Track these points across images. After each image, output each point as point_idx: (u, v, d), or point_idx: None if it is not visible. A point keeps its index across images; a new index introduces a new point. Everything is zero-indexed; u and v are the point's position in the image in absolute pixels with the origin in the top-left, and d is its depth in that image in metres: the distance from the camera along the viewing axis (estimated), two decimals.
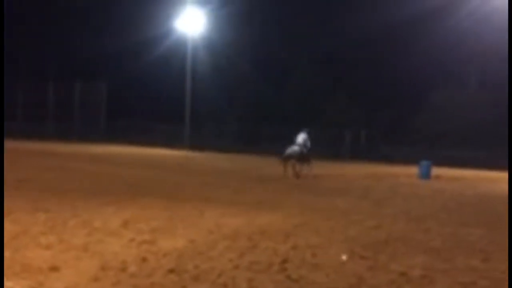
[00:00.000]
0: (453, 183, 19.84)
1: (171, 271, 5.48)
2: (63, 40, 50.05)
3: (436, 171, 22.00)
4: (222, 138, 42.00)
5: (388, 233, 8.32)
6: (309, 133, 20.68)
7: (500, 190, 17.55)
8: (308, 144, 20.14)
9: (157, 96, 47.06)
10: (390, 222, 9.46)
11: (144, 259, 5.89)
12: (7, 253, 5.80)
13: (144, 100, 48.14)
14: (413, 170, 22.57)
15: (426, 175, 21.01)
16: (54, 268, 5.34)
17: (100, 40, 47.22)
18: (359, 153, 36.03)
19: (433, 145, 34.35)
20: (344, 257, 6.55)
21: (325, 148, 37.15)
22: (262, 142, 40.12)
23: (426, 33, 37.53)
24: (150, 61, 44.68)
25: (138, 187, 13.14)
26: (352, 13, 40.80)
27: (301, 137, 20.18)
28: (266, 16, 44.49)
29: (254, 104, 44.97)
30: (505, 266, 6.29)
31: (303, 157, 19.42)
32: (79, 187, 12.57)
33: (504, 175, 23.90)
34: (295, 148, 19.52)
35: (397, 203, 12.52)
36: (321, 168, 21.33)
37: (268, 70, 44.79)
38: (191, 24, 42.33)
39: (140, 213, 8.98)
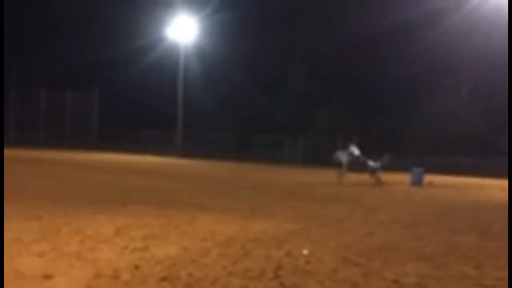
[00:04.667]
0: (445, 190, 19.93)
1: (164, 278, 5.47)
2: (55, 48, 49.92)
3: (428, 178, 22.09)
4: (214, 146, 42.01)
5: (381, 240, 8.33)
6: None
7: (491, 197, 17.63)
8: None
9: (149, 104, 47.03)
10: (383, 229, 9.48)
11: (137, 267, 5.87)
12: None
13: (136, 108, 48.10)
14: (405, 177, 22.65)
15: (418, 182, 21.10)
16: (47, 276, 5.31)
17: (91, 48, 47.19)
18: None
19: (424, 152, 34.47)
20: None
21: (318, 155, 37.29)
22: (255, 149, 40.14)
23: (418, 40, 37.74)
24: (142, 69, 44.72)
25: (130, 195, 13.11)
26: (344, 20, 41.01)
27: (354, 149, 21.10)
28: (259, 23, 44.61)
29: (246, 112, 45.03)
30: (497, 274, 6.31)
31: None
32: (71, 195, 12.52)
33: (496, 181, 24.04)
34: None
35: (389, 210, 12.55)
36: (313, 176, 21.35)
37: (260, 77, 44.91)
38: (183, 31, 42.42)
39: (132, 220, 8.95)
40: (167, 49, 44.01)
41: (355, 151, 21.07)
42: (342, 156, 21.13)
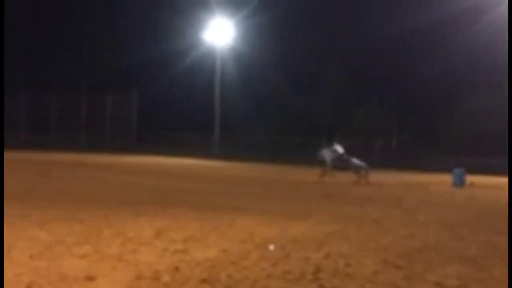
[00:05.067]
0: (486, 190, 19.51)
1: (204, 280, 5.49)
2: (95, 53, 50.91)
3: (469, 178, 21.66)
4: (251, 148, 42.09)
5: (422, 241, 8.21)
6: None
7: None
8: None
9: (186, 107, 47.46)
10: (423, 230, 9.34)
11: (177, 269, 5.92)
12: (43, 263, 5.90)
13: (174, 111, 48.61)
14: (446, 178, 22.27)
15: (459, 182, 20.71)
16: (89, 278, 5.41)
17: (130, 52, 47.93)
18: (390, 160, 35.70)
19: (463, 152, 33.84)
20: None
21: (355, 156, 36.96)
22: (292, 151, 40.07)
23: (455, 38, 37.06)
24: (180, 72, 45.15)
25: (169, 197, 13.24)
26: (379, 20, 40.62)
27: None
28: (295, 25, 44.54)
29: (283, 113, 44.99)
30: None
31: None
32: (111, 197, 12.71)
33: None
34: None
35: (429, 211, 12.35)
36: (350, 177, 21.18)
37: (297, 80, 44.82)
38: (220, 35, 42.66)
39: (172, 223, 9.03)
40: (204, 52, 44.36)
41: (339, 149, 21.51)
42: (326, 154, 21.49)
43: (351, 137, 38.18)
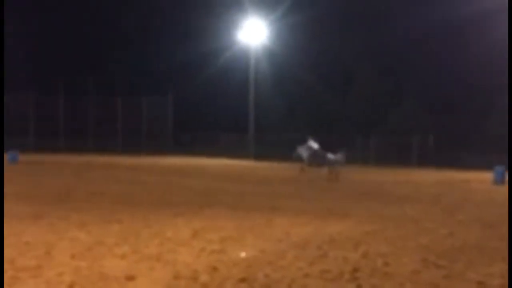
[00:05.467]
0: None
1: (242, 280, 5.50)
2: (130, 56, 51.57)
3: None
4: (286, 147, 41.93)
5: (463, 240, 8.05)
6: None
7: None
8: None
9: (221, 107, 47.64)
10: (464, 229, 9.16)
11: (214, 269, 5.94)
12: (84, 263, 6.01)
13: (208, 111, 48.86)
14: (485, 175, 21.81)
15: (500, 180, 20.27)
16: (129, 277, 5.48)
17: (165, 54, 48.40)
18: (427, 159, 35.16)
19: (505, 150, 33.03)
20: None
21: (392, 154, 36.54)
22: (326, 150, 39.80)
23: (494, 32, 36.21)
24: (214, 73, 45.32)
25: (206, 198, 13.31)
26: (414, 16, 39.99)
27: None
28: (328, 24, 44.26)
29: (317, 113, 44.77)
30: None
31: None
32: (149, 198, 12.86)
33: None
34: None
35: (469, 210, 12.12)
36: (387, 175, 20.94)
37: (331, 78, 44.52)
38: (254, 35, 42.70)
39: (209, 223, 9.08)
40: (238, 53, 44.45)
41: (314, 145, 21.74)
42: (303, 151, 21.68)
43: (387, 135, 37.86)
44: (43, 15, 50.61)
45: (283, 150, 40.48)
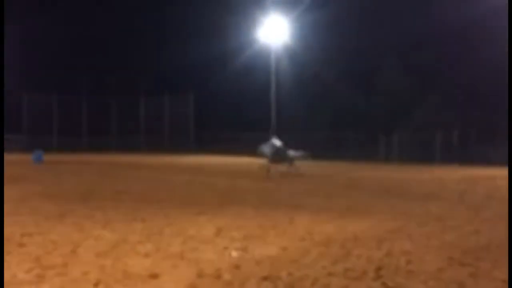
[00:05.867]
0: None
1: (265, 278, 5.50)
2: (151, 54, 51.95)
3: None
4: (307, 145, 41.83)
5: (488, 238, 7.94)
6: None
7: None
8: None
9: (242, 105, 47.73)
10: (490, 227, 9.03)
11: (237, 267, 5.96)
12: (108, 261, 6.07)
13: (230, 110, 49.00)
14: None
15: None
16: (153, 276, 5.52)
17: (186, 52, 48.64)
18: (451, 155, 34.79)
19: None
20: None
21: (415, 151, 36.22)
22: (349, 147, 39.68)
23: None
24: (235, 71, 45.43)
25: (228, 196, 13.37)
26: (436, 9, 39.51)
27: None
28: (349, 20, 44.01)
29: (339, 110, 44.57)
30: None
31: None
32: (172, 197, 12.95)
33: None
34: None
35: (495, 207, 11.94)
36: (410, 172, 20.76)
37: (353, 75, 44.27)
38: (274, 33, 42.65)
39: (231, 221, 9.11)
40: (259, 51, 44.46)
41: (277, 142, 22.58)
42: (265, 149, 22.30)
43: (410, 132, 37.54)
44: (63, 15, 51.23)
45: (305, 148, 40.49)
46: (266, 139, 24.24)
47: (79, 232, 7.92)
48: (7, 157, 35.39)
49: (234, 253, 6.68)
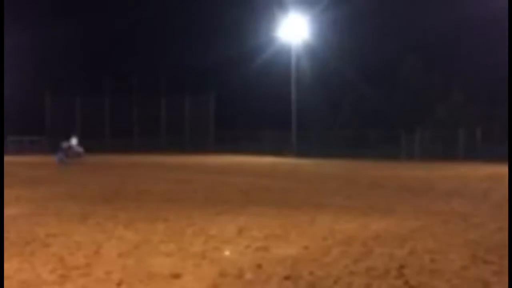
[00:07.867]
0: None
1: (287, 278, 5.50)
2: (171, 55, 52.22)
3: None
4: (329, 144, 41.73)
5: None
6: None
7: None
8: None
9: (263, 104, 47.72)
10: None
11: (259, 266, 5.96)
12: (131, 261, 6.13)
13: (250, 109, 49.01)
14: None
15: None
16: (176, 275, 5.55)
17: (206, 52, 48.82)
18: (475, 153, 34.35)
19: None
20: (226, 253, 6.56)
21: (438, 148, 35.83)
22: (370, 145, 39.44)
23: None
24: (255, 70, 45.42)
25: (249, 195, 13.38)
26: (458, 5, 39.04)
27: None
28: (369, 17, 43.74)
29: (361, 108, 44.32)
30: None
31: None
32: (193, 196, 13.01)
33: None
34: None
35: None
36: (433, 170, 20.56)
37: (374, 73, 43.95)
38: (294, 31, 42.56)
39: (253, 220, 9.12)
40: (279, 49, 44.41)
41: (73, 141, 29.48)
42: (63, 145, 28.83)
43: (432, 129, 37.17)
44: (86, 17, 51.78)
45: (326, 147, 40.38)
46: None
47: (102, 232, 8.00)
48: (31, 158, 35.91)
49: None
